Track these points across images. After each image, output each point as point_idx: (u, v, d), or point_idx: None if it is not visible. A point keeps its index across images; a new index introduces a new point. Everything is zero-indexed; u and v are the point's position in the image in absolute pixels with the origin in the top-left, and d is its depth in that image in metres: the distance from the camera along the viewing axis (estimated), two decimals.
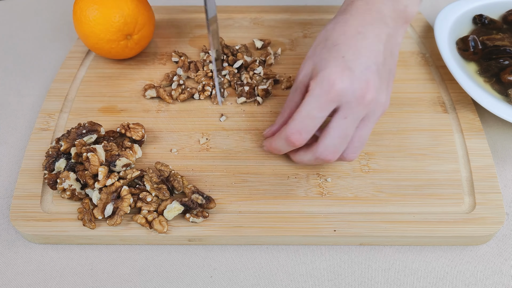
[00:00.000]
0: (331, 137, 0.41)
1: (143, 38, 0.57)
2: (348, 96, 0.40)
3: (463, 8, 0.62)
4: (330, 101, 0.40)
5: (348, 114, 0.40)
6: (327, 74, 0.40)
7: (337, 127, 0.41)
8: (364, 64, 0.40)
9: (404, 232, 0.43)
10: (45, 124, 0.52)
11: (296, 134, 0.41)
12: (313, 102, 0.40)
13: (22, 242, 0.45)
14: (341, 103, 0.40)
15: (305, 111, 0.41)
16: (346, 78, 0.39)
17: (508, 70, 0.53)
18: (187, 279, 0.43)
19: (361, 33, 0.42)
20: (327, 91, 0.39)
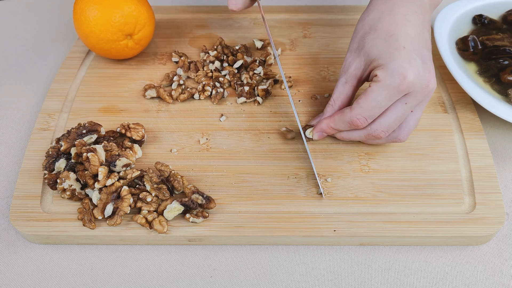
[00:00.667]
0: (387, 118, 0.44)
1: (143, 38, 0.57)
2: (416, 86, 0.42)
3: (463, 8, 0.62)
4: (401, 92, 0.42)
5: (410, 100, 0.43)
6: (397, 67, 0.41)
7: (396, 111, 0.43)
8: (422, 53, 0.43)
9: (404, 232, 0.43)
10: (45, 124, 0.52)
11: (362, 120, 0.44)
12: (383, 93, 0.42)
13: (22, 242, 0.45)
14: (409, 92, 0.42)
15: (374, 101, 0.42)
16: (415, 69, 0.41)
17: (508, 70, 0.53)
18: (187, 279, 0.43)
19: (410, 21, 0.43)
20: (399, 83, 0.41)
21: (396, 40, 0.42)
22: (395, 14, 0.44)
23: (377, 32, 0.44)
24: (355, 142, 0.50)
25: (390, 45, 0.42)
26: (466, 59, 0.56)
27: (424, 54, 0.43)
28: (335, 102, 0.47)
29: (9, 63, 0.63)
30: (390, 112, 0.43)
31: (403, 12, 0.44)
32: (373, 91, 0.42)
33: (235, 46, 0.60)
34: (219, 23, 0.66)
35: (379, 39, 0.43)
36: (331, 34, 0.63)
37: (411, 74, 0.41)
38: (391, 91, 0.42)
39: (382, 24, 0.44)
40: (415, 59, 0.42)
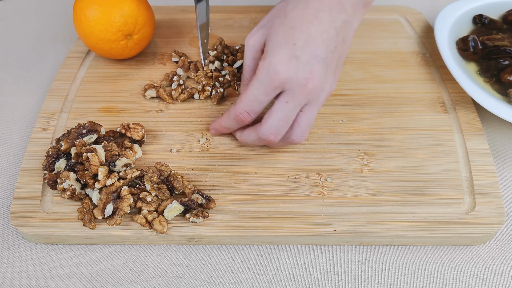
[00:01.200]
0: (272, 120, 0.44)
1: (143, 38, 0.57)
2: (291, 83, 0.42)
3: (463, 8, 0.62)
4: (275, 87, 0.42)
5: (290, 99, 0.43)
6: (274, 61, 0.42)
7: (278, 111, 0.43)
8: (313, 53, 0.42)
9: (404, 232, 0.43)
10: (45, 124, 0.52)
11: (244, 114, 0.45)
12: (259, 87, 0.43)
13: (22, 242, 0.45)
14: (285, 89, 0.42)
15: (252, 95, 0.43)
16: (292, 67, 0.42)
17: (508, 70, 0.53)
18: (187, 279, 0.43)
19: (318, 18, 0.42)
20: (272, 79, 0.42)
21: (292, 35, 0.42)
22: (307, 8, 0.43)
23: (285, 19, 0.43)
24: (355, 142, 0.50)
25: (284, 37, 0.42)
26: (466, 59, 0.56)
27: (316, 53, 0.42)
28: (243, 79, 0.48)
29: (9, 63, 0.63)
30: (274, 113, 0.43)
31: (316, 7, 0.43)
32: (252, 85, 0.43)
33: (235, 46, 0.60)
34: (219, 23, 0.66)
35: (282, 27, 0.43)
36: None
37: (285, 72, 0.41)
38: (265, 85, 0.42)
39: (292, 13, 0.43)
40: (298, 57, 0.42)
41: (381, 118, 0.53)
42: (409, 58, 0.60)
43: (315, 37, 0.42)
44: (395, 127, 0.52)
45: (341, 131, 0.51)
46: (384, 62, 0.59)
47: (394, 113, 0.53)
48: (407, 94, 0.55)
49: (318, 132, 0.51)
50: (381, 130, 0.51)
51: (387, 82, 0.57)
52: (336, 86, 0.56)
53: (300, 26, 0.42)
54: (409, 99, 0.55)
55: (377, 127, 0.52)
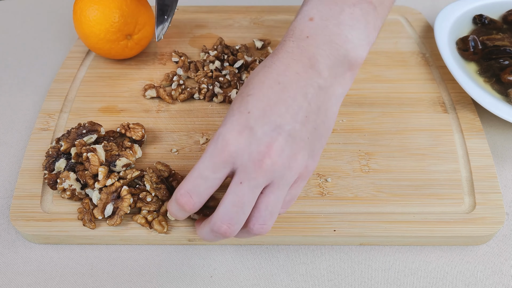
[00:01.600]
0: (224, 205, 0.35)
1: (143, 38, 0.57)
2: (243, 159, 0.35)
3: (463, 8, 0.62)
4: (223, 162, 0.35)
5: (244, 179, 0.35)
6: (223, 132, 0.35)
7: (231, 193, 0.35)
8: (272, 123, 0.35)
9: (404, 232, 0.43)
10: (45, 124, 0.52)
11: (185, 196, 0.36)
12: (205, 161, 0.35)
13: (22, 242, 0.45)
14: (236, 166, 0.35)
15: (197, 171, 0.35)
16: (244, 139, 0.35)
17: (508, 70, 0.53)
18: (187, 279, 0.43)
19: (281, 83, 0.36)
20: (220, 151, 0.35)
21: (247, 103, 0.35)
22: (269, 73, 0.36)
23: (244, 88, 0.37)
24: (355, 142, 0.50)
25: (238, 107, 0.36)
26: (466, 59, 0.56)
27: (278, 124, 0.35)
28: None
29: (9, 63, 0.63)
30: (226, 197, 0.35)
31: (279, 72, 0.36)
32: (199, 160, 0.36)
33: (235, 46, 0.60)
34: (219, 23, 0.66)
35: (239, 96, 0.37)
36: None
37: (235, 144, 0.34)
38: (213, 158, 0.35)
39: (253, 80, 0.37)
40: (252, 128, 0.35)
41: (381, 118, 0.53)
42: (409, 58, 0.60)
43: (276, 105, 0.35)
44: (395, 127, 0.52)
45: (341, 131, 0.51)
46: (384, 62, 0.59)
47: (394, 113, 0.53)
48: (407, 94, 0.55)
49: None
50: (381, 130, 0.51)
51: (387, 82, 0.57)
52: None
53: (258, 93, 0.36)
54: (409, 99, 0.55)
55: (377, 127, 0.52)
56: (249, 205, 0.35)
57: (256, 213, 0.36)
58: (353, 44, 0.38)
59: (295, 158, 0.35)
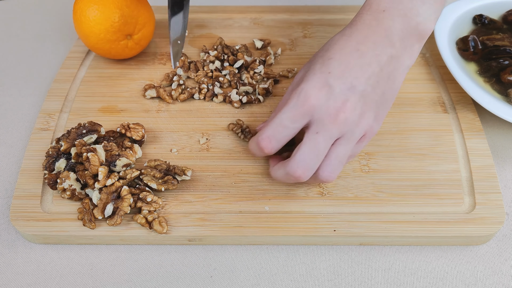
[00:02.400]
0: (301, 152, 0.40)
1: (143, 38, 0.57)
2: (321, 112, 0.39)
3: (463, 8, 0.62)
4: (303, 113, 0.40)
5: (320, 130, 0.40)
6: (306, 87, 0.40)
7: (307, 142, 0.40)
8: (349, 83, 0.40)
9: (404, 232, 0.43)
10: (45, 124, 0.52)
11: (265, 140, 0.41)
12: (287, 112, 0.40)
13: (22, 242, 0.45)
14: (314, 118, 0.40)
15: (278, 119, 0.40)
16: (323, 94, 0.39)
17: (508, 70, 0.53)
18: (187, 279, 0.43)
19: (359, 50, 0.41)
20: (302, 104, 0.39)
21: (328, 65, 0.40)
22: (349, 41, 0.41)
23: (325, 52, 0.42)
24: None
25: (321, 67, 0.41)
26: (466, 59, 0.56)
27: (353, 85, 0.40)
28: (278, 109, 0.45)
29: (9, 63, 0.63)
30: (303, 145, 0.40)
31: (358, 40, 0.41)
32: (279, 109, 0.41)
33: (235, 46, 0.60)
34: (219, 23, 0.66)
35: (321, 59, 0.41)
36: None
37: (315, 98, 0.39)
38: (294, 110, 0.40)
39: (334, 47, 0.42)
40: (331, 86, 0.39)
41: None
42: None
43: (354, 68, 0.40)
44: (395, 127, 0.52)
45: None
46: None
47: (394, 113, 0.53)
48: (407, 94, 0.55)
49: None
50: (381, 130, 0.51)
51: None
52: None
53: (339, 57, 0.41)
54: (409, 99, 0.55)
55: None
56: (322, 153, 0.40)
57: (327, 162, 0.41)
58: (423, 18, 0.42)
59: (364, 117, 0.40)
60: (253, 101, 0.55)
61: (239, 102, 0.54)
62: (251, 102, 0.55)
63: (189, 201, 0.46)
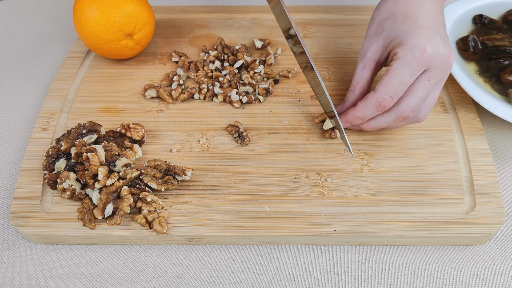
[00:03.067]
0: (414, 97, 0.44)
1: (143, 38, 0.57)
2: (436, 60, 0.43)
3: (463, 8, 0.62)
4: (422, 65, 0.43)
5: (432, 77, 0.44)
6: (416, 41, 0.43)
7: (421, 88, 0.44)
8: (440, 32, 0.45)
9: (404, 232, 0.43)
10: (45, 124, 0.52)
11: (388, 100, 0.44)
12: (405, 69, 0.43)
13: (22, 242, 0.45)
14: (430, 66, 0.43)
15: (398, 78, 0.43)
16: (434, 43, 0.43)
17: (508, 70, 0.53)
18: (187, 279, 0.43)
19: (426, 6, 0.46)
20: (420, 57, 0.43)
21: (414, 20, 0.45)
22: (410, 1, 0.46)
23: (394, 16, 0.46)
24: (355, 142, 0.50)
25: (409, 24, 0.45)
26: (466, 59, 0.56)
27: (442, 32, 0.45)
28: (355, 87, 0.49)
29: (9, 63, 0.63)
30: (415, 91, 0.44)
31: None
32: (395, 68, 0.43)
33: (235, 46, 0.60)
34: (219, 23, 0.66)
35: (397, 22, 0.46)
36: (331, 34, 0.63)
37: (430, 48, 0.43)
38: (412, 65, 0.43)
39: (399, 9, 0.46)
40: (433, 35, 0.43)
41: None
42: None
43: (432, 19, 0.45)
44: None
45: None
46: None
47: None
48: None
49: (318, 132, 0.51)
50: (381, 130, 0.51)
51: None
52: (337, 86, 0.57)
53: (415, 13, 0.45)
54: None
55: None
56: (427, 97, 0.45)
57: (426, 106, 0.46)
58: None
59: (453, 57, 0.45)
60: (253, 101, 0.55)
61: (239, 102, 0.54)
62: (251, 102, 0.55)
63: (189, 201, 0.46)
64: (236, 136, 0.51)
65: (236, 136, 0.51)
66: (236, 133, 0.51)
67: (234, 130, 0.51)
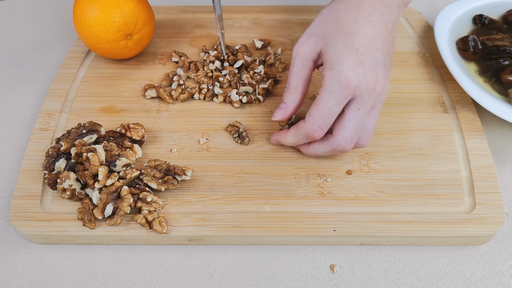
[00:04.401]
0: (347, 129, 0.44)
1: (143, 38, 0.57)
2: (362, 89, 0.42)
3: (463, 8, 0.62)
4: (348, 95, 0.42)
5: (361, 105, 0.43)
6: (344, 70, 0.42)
7: (352, 119, 0.43)
8: (374, 56, 0.43)
9: (404, 232, 0.43)
10: (45, 124, 0.52)
11: (318, 131, 0.44)
12: (331, 99, 0.42)
13: (22, 242, 0.45)
14: (356, 96, 0.43)
15: (325, 108, 0.43)
16: (360, 73, 0.42)
17: (508, 70, 0.53)
18: (187, 279, 0.43)
19: (372, 22, 0.43)
20: (345, 88, 0.42)
21: (352, 41, 0.42)
22: (359, 12, 0.43)
23: (339, 26, 0.43)
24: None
25: (345, 44, 0.42)
26: (466, 59, 0.56)
27: (377, 57, 0.43)
28: (296, 89, 0.46)
29: (9, 63, 0.63)
30: (347, 122, 0.43)
31: (368, 11, 0.43)
32: (322, 98, 0.43)
33: (235, 46, 0.60)
34: None
35: (339, 35, 0.43)
36: None
37: (355, 78, 0.41)
38: (338, 95, 0.42)
39: (346, 19, 0.43)
40: (363, 62, 0.42)
41: (381, 118, 0.53)
42: (409, 58, 0.60)
43: (374, 41, 0.43)
44: (395, 127, 0.52)
45: None
46: None
47: (394, 113, 0.53)
48: (407, 94, 0.55)
49: None
50: (381, 130, 0.51)
51: None
52: None
53: (358, 32, 0.43)
54: (409, 99, 0.55)
55: (377, 127, 0.52)
56: (363, 126, 0.44)
57: (365, 132, 0.45)
58: None
59: (387, 82, 0.44)
60: (253, 101, 0.55)
61: (239, 102, 0.54)
62: (251, 102, 0.55)
63: (189, 201, 0.46)
64: (236, 136, 0.51)
65: (236, 136, 0.51)
66: (236, 133, 0.51)
67: (234, 130, 0.51)
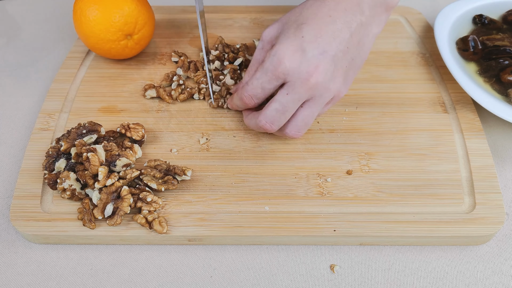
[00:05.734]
0: (270, 109, 0.44)
1: (143, 38, 0.57)
2: (293, 75, 0.42)
3: (463, 8, 0.62)
4: (277, 76, 0.42)
5: (290, 92, 0.42)
6: (279, 51, 0.42)
7: (277, 101, 0.43)
8: (321, 48, 0.42)
9: (404, 232, 0.43)
10: (45, 124, 0.52)
11: (248, 98, 0.46)
12: (263, 75, 0.43)
13: (22, 242, 0.45)
14: (286, 80, 0.42)
15: (257, 81, 0.44)
16: (296, 58, 0.41)
17: (508, 70, 0.53)
18: (187, 279, 0.43)
19: (332, 17, 0.43)
20: (275, 68, 0.42)
21: (301, 29, 0.42)
22: (322, 7, 0.43)
23: (299, 16, 0.44)
24: (355, 142, 0.50)
25: (294, 31, 0.43)
26: (466, 59, 0.56)
27: (325, 50, 0.42)
28: (251, 68, 0.48)
29: (9, 63, 0.63)
30: (273, 103, 0.44)
31: (330, 7, 0.43)
32: (257, 71, 0.44)
33: (236, 45, 0.60)
34: (219, 23, 0.66)
35: (295, 23, 0.44)
36: None
37: (288, 62, 0.41)
38: (268, 73, 0.43)
39: (307, 12, 0.44)
40: (304, 51, 0.41)
41: (381, 118, 0.53)
42: (409, 58, 0.60)
43: (325, 33, 0.42)
44: (395, 127, 0.52)
45: (341, 131, 0.51)
46: (384, 62, 0.59)
47: (394, 113, 0.53)
48: (407, 94, 0.55)
49: (318, 132, 0.51)
50: (381, 130, 0.52)
51: (387, 82, 0.57)
52: None
53: (311, 22, 0.43)
54: (409, 99, 0.55)
55: (377, 127, 0.52)
56: (289, 112, 0.44)
57: (294, 122, 0.45)
58: None
59: (333, 81, 0.43)
60: None
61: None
62: None
63: (189, 201, 0.46)
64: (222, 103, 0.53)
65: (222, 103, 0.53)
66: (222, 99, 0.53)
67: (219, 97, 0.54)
